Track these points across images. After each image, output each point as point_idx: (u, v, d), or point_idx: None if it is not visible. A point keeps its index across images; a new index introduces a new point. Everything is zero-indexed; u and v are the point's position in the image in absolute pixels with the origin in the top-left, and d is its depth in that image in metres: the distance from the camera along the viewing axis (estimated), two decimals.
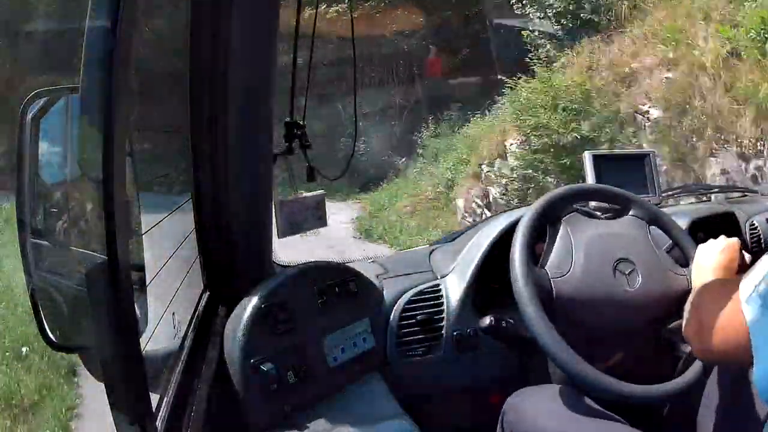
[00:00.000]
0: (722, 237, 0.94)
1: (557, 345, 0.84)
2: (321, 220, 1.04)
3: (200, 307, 0.89)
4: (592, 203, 1.14)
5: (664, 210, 1.16)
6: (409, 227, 6.43)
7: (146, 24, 0.70)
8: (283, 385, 0.86)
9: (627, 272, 0.93)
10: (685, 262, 1.00)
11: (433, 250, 1.22)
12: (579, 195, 1.03)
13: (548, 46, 5.83)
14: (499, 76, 6.58)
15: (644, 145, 4.27)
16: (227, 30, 0.78)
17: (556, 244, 0.96)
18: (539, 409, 0.90)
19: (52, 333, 0.70)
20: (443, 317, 1.07)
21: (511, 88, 5.49)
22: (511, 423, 0.93)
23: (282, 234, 0.98)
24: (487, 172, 5.83)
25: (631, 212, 1.03)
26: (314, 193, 1.02)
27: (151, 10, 0.79)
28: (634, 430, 0.85)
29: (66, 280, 0.69)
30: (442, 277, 1.12)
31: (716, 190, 1.74)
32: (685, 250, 1.00)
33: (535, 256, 0.95)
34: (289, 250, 1.15)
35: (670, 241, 1.04)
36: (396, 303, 1.06)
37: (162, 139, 1.04)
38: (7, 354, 3.42)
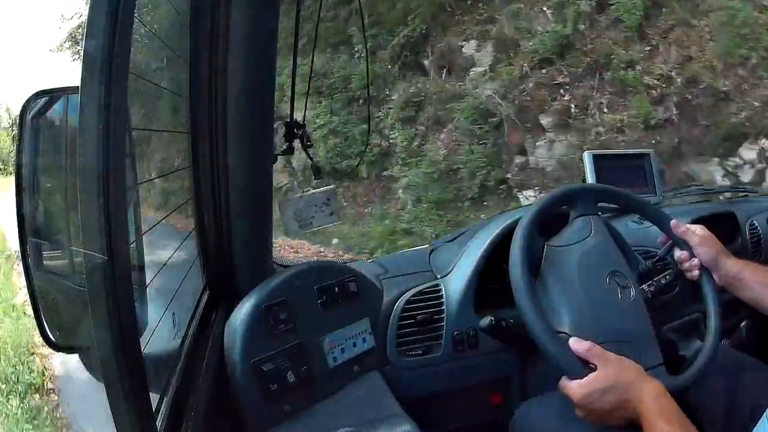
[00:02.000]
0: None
1: (557, 347, 0.84)
2: (333, 216, 1.02)
3: (200, 307, 0.89)
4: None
5: (665, 210, 1.16)
6: None
7: (146, 24, 0.70)
8: (283, 385, 0.86)
9: (620, 284, 0.93)
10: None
11: (433, 250, 1.21)
12: (578, 195, 1.02)
13: None
14: None
15: None
16: (227, 30, 0.78)
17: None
18: (549, 420, 0.90)
19: (52, 333, 0.70)
20: (443, 317, 1.07)
21: None
22: None
23: (289, 233, 0.97)
24: None
25: (632, 212, 1.02)
26: (324, 188, 1.01)
27: (150, 10, 0.79)
28: None
29: (66, 280, 0.69)
30: (442, 277, 1.12)
31: (716, 190, 1.75)
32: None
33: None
34: None
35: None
36: (396, 303, 1.06)
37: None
38: None
